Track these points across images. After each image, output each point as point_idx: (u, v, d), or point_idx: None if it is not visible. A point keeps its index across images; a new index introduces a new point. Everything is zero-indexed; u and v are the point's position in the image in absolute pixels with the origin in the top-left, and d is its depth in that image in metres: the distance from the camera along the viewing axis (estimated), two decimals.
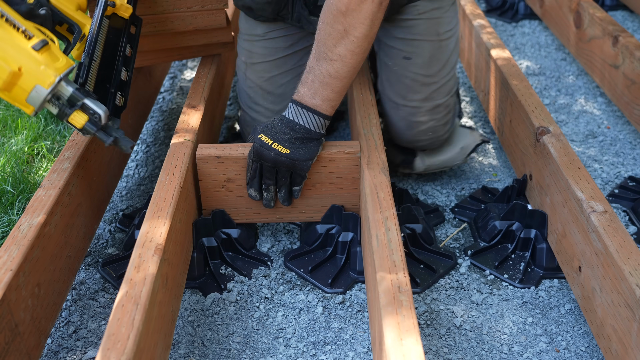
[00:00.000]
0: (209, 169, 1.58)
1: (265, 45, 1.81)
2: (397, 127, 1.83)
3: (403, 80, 1.75)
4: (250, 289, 1.57)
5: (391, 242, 1.27)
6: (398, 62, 1.74)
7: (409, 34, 1.71)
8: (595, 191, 1.41)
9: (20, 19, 1.31)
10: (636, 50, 2.08)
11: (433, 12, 1.70)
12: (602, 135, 2.19)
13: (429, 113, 1.78)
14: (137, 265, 1.20)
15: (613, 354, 1.25)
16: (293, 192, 1.58)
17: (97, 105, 1.35)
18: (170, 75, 2.66)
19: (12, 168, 1.93)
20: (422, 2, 1.68)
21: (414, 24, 1.69)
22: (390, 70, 1.76)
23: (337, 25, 1.41)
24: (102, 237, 1.76)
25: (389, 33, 1.74)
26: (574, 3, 2.56)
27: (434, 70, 1.73)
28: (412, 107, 1.76)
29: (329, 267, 1.61)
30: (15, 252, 1.21)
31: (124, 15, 1.56)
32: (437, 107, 1.78)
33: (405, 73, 1.73)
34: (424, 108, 1.77)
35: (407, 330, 1.06)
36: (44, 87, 1.27)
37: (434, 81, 1.75)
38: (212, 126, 1.92)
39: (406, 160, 1.90)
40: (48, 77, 1.27)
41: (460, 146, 1.92)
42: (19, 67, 1.25)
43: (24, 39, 1.27)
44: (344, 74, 1.45)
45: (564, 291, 1.56)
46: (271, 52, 1.81)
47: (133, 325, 1.06)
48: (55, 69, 1.28)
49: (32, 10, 1.38)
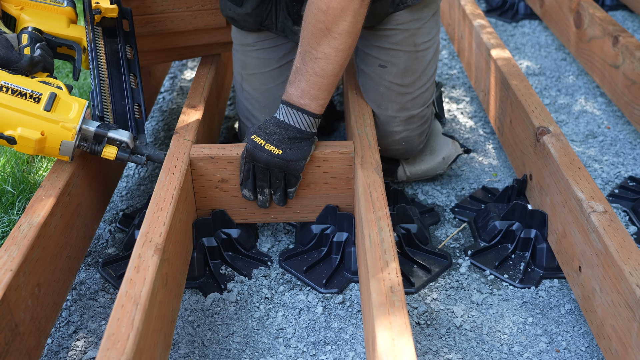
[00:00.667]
0: (203, 169, 1.58)
1: (257, 55, 1.79)
2: None
3: (378, 88, 1.74)
4: (251, 289, 1.57)
5: (384, 242, 1.27)
6: (374, 69, 1.73)
7: (385, 42, 1.69)
8: (595, 191, 1.41)
9: (23, 81, 1.37)
10: (636, 50, 2.08)
11: (412, 23, 1.68)
12: (602, 135, 2.19)
13: (403, 123, 1.77)
14: (137, 265, 1.20)
15: (613, 354, 1.25)
16: (288, 194, 1.58)
17: (120, 134, 1.46)
18: (170, 75, 2.66)
19: (12, 168, 1.93)
20: (402, 12, 1.66)
21: (392, 33, 1.68)
22: (366, 76, 1.75)
23: (319, 24, 1.41)
24: (102, 237, 1.76)
25: (365, 40, 1.72)
26: (574, 3, 2.56)
27: (408, 81, 1.72)
28: (388, 116, 1.76)
29: (324, 268, 1.61)
30: (15, 252, 1.21)
31: (112, 15, 1.59)
32: (412, 117, 1.77)
33: (380, 81, 1.73)
34: (399, 118, 1.76)
35: (400, 330, 1.06)
36: (69, 140, 1.40)
37: (409, 91, 1.73)
38: (212, 126, 1.92)
39: (389, 170, 1.90)
40: (69, 131, 1.39)
41: (442, 156, 1.92)
42: (41, 132, 1.37)
43: (34, 104, 1.36)
44: (329, 71, 1.45)
45: (564, 291, 1.56)
46: (265, 63, 1.80)
47: (133, 325, 1.06)
48: (71, 120, 1.39)
49: (32, 59, 1.42)
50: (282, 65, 1.80)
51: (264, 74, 1.81)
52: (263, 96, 1.82)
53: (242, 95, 1.87)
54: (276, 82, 1.81)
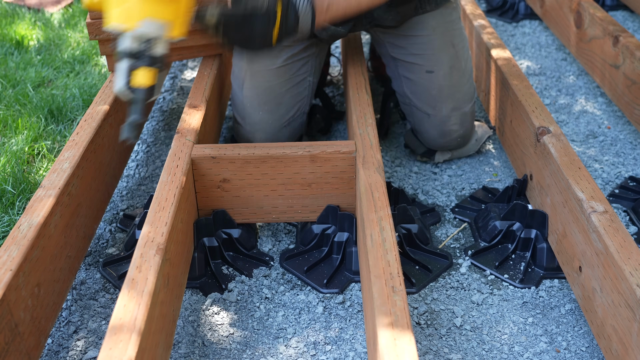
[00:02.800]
0: (205, 169, 1.58)
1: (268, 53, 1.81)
2: (429, 135, 1.95)
3: (430, 92, 1.87)
4: (251, 289, 1.57)
5: (385, 242, 1.27)
6: (422, 76, 1.86)
7: (427, 49, 1.83)
8: (595, 191, 1.41)
9: None
10: (637, 50, 2.08)
11: (446, 26, 1.84)
12: (603, 136, 2.19)
13: (459, 121, 1.91)
14: (138, 265, 1.20)
15: (613, 354, 1.25)
16: None
17: None
18: (170, 75, 2.66)
19: (13, 168, 1.93)
20: (435, 17, 1.81)
21: (431, 39, 1.82)
22: (414, 83, 1.88)
23: None
24: (102, 237, 1.76)
25: (405, 50, 1.86)
26: (574, 3, 2.56)
27: (456, 79, 1.86)
28: (443, 117, 1.89)
29: (325, 268, 1.61)
30: (15, 252, 1.21)
31: None
32: (465, 115, 1.92)
33: (431, 85, 1.86)
34: (454, 117, 1.90)
35: (401, 330, 1.06)
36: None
37: (458, 89, 1.88)
38: (214, 126, 1.92)
39: (428, 152, 2.02)
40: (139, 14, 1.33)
41: (475, 138, 2.05)
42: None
43: None
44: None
45: (565, 291, 1.56)
46: (272, 61, 1.83)
47: (135, 325, 1.06)
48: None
49: None
50: (288, 65, 1.84)
51: (270, 71, 1.84)
52: (265, 93, 1.85)
53: (242, 92, 1.88)
54: (280, 79, 1.84)
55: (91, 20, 1.79)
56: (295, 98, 1.89)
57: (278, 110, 1.86)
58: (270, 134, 1.89)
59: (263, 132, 1.88)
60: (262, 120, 1.87)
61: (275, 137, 1.89)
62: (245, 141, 1.92)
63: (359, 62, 2.01)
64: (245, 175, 1.60)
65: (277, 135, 1.89)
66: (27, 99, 2.35)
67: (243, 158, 1.57)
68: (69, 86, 2.46)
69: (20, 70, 2.60)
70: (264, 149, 1.58)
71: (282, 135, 1.90)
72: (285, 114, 1.88)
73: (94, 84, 2.48)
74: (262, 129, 1.87)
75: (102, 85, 2.12)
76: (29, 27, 3.03)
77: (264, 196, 1.63)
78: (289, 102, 1.88)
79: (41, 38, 2.93)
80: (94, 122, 1.64)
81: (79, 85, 2.46)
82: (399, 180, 1.98)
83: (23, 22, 3.07)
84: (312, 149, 1.57)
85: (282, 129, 1.89)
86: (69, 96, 2.36)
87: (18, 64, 2.65)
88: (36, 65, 2.64)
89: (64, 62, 2.70)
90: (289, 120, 1.90)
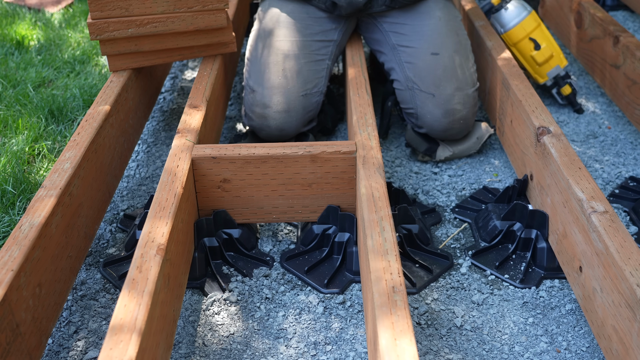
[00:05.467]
0: (205, 170, 1.58)
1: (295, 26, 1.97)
2: (433, 115, 1.98)
3: (435, 72, 1.95)
4: (251, 289, 1.58)
5: (386, 242, 1.27)
6: (427, 58, 1.96)
7: (433, 34, 1.96)
8: (596, 191, 1.42)
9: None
10: (637, 51, 2.08)
11: (451, 17, 2.00)
12: (603, 136, 2.19)
13: (462, 101, 1.97)
14: (139, 265, 1.20)
15: (614, 354, 1.25)
16: None
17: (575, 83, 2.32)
18: (171, 76, 2.66)
19: (13, 168, 1.93)
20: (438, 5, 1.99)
21: (438, 25, 1.97)
22: (417, 67, 1.97)
23: None
24: (103, 237, 1.76)
25: (409, 37, 1.98)
26: (574, 3, 2.56)
27: (459, 62, 1.96)
28: (447, 95, 1.95)
29: (325, 268, 1.61)
30: (16, 253, 1.21)
31: None
32: (467, 96, 1.98)
33: (435, 66, 1.95)
34: (457, 96, 1.96)
35: (402, 330, 1.06)
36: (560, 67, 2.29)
37: (462, 71, 1.97)
38: (214, 126, 1.92)
39: (430, 149, 2.05)
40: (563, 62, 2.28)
41: (476, 136, 2.08)
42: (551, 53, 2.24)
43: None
44: None
45: (565, 291, 1.56)
46: (298, 34, 1.97)
47: (135, 326, 1.06)
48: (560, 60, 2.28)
49: None
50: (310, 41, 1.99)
51: (294, 42, 1.98)
52: (287, 59, 1.96)
53: (262, 58, 1.98)
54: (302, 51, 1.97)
55: (92, 21, 1.79)
56: (314, 74, 1.98)
57: (297, 78, 1.94)
58: (287, 98, 1.94)
59: (281, 95, 1.93)
60: (280, 84, 1.93)
61: (291, 103, 1.94)
62: (259, 108, 1.96)
63: (359, 62, 2.01)
64: (246, 176, 1.60)
65: (293, 102, 1.94)
66: (27, 99, 2.35)
67: (243, 158, 1.57)
68: (70, 86, 2.46)
69: (21, 71, 2.60)
70: (264, 149, 1.58)
71: (298, 103, 1.95)
72: (304, 85, 1.95)
73: (94, 84, 2.48)
74: (280, 92, 1.93)
75: (102, 86, 2.12)
76: (29, 27, 3.03)
77: (264, 196, 1.63)
78: (308, 74, 1.97)
79: (41, 38, 2.93)
80: (95, 122, 1.64)
81: (79, 85, 2.46)
82: (399, 180, 1.99)
83: (23, 22, 3.08)
84: (313, 149, 1.58)
85: (299, 97, 1.95)
86: (70, 96, 2.36)
87: (18, 64, 2.66)
88: (36, 66, 2.65)
89: (65, 62, 2.70)
90: (306, 92, 1.96)
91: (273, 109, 1.94)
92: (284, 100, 1.93)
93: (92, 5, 1.77)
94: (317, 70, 1.99)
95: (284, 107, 1.94)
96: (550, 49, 2.21)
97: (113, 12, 1.79)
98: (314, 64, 1.98)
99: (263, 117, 1.95)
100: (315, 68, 1.98)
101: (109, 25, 1.79)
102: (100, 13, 1.78)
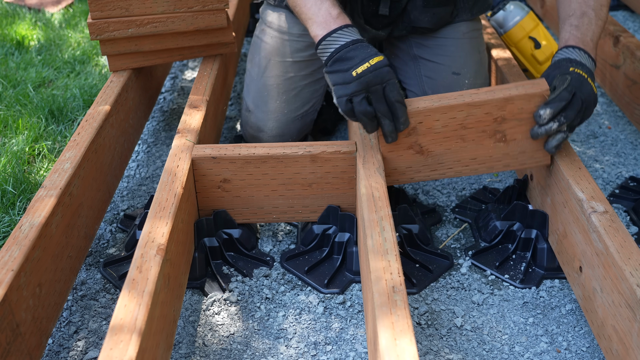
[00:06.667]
0: (205, 170, 1.58)
1: (295, 46, 1.85)
2: None
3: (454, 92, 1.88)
4: (252, 289, 1.58)
5: (386, 242, 1.27)
6: (446, 77, 1.89)
7: (456, 52, 1.88)
8: (596, 191, 1.42)
9: None
10: (637, 51, 2.08)
11: (473, 33, 1.90)
12: (603, 136, 2.20)
13: None
14: (139, 265, 1.20)
15: (614, 354, 1.25)
16: None
17: None
18: (171, 76, 2.66)
19: (13, 168, 1.93)
20: (464, 23, 1.87)
21: (462, 43, 1.88)
22: (437, 84, 1.91)
23: None
24: (103, 237, 1.76)
25: (432, 50, 1.89)
26: None
27: (479, 83, 1.91)
28: None
29: (326, 268, 1.61)
30: (16, 253, 1.21)
31: None
32: None
33: (454, 87, 1.89)
34: None
35: (402, 330, 1.06)
36: None
37: None
38: (214, 126, 1.93)
39: None
40: None
41: None
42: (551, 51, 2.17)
43: None
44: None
45: (565, 291, 1.56)
46: (299, 54, 1.86)
47: (135, 326, 1.06)
48: None
49: None
50: (312, 60, 1.86)
51: (295, 63, 1.87)
52: (286, 83, 1.87)
53: (261, 81, 1.90)
54: (301, 72, 1.88)
55: (92, 21, 1.79)
56: (313, 94, 1.92)
57: (295, 101, 1.89)
58: (283, 123, 1.91)
59: (276, 121, 1.90)
60: (277, 109, 1.89)
61: (285, 128, 1.91)
62: (253, 130, 1.94)
63: None
64: (246, 176, 1.60)
65: (288, 127, 1.91)
66: (27, 99, 2.35)
67: (243, 158, 1.57)
68: (70, 86, 2.46)
69: (21, 71, 2.60)
70: (264, 149, 1.58)
71: (293, 127, 1.92)
72: (301, 107, 1.91)
73: (94, 84, 2.48)
74: (275, 117, 1.90)
75: (102, 86, 2.12)
76: (29, 27, 3.03)
77: (264, 196, 1.63)
78: (307, 96, 1.91)
79: (41, 38, 2.93)
80: (95, 122, 1.64)
81: (79, 85, 2.46)
82: None
83: (23, 22, 3.08)
84: (313, 149, 1.58)
85: (294, 121, 1.91)
86: (70, 96, 2.36)
87: (18, 64, 2.66)
88: (37, 66, 2.65)
89: (65, 62, 2.70)
90: (303, 114, 1.92)
91: (267, 134, 1.92)
92: (278, 125, 1.91)
93: (92, 5, 1.77)
94: (316, 89, 1.92)
95: (279, 132, 1.91)
96: (550, 48, 2.22)
97: (113, 12, 1.79)
98: (314, 83, 1.91)
99: (256, 138, 1.95)
100: (315, 87, 1.92)
101: (109, 25, 1.79)
102: (101, 13, 1.78)
